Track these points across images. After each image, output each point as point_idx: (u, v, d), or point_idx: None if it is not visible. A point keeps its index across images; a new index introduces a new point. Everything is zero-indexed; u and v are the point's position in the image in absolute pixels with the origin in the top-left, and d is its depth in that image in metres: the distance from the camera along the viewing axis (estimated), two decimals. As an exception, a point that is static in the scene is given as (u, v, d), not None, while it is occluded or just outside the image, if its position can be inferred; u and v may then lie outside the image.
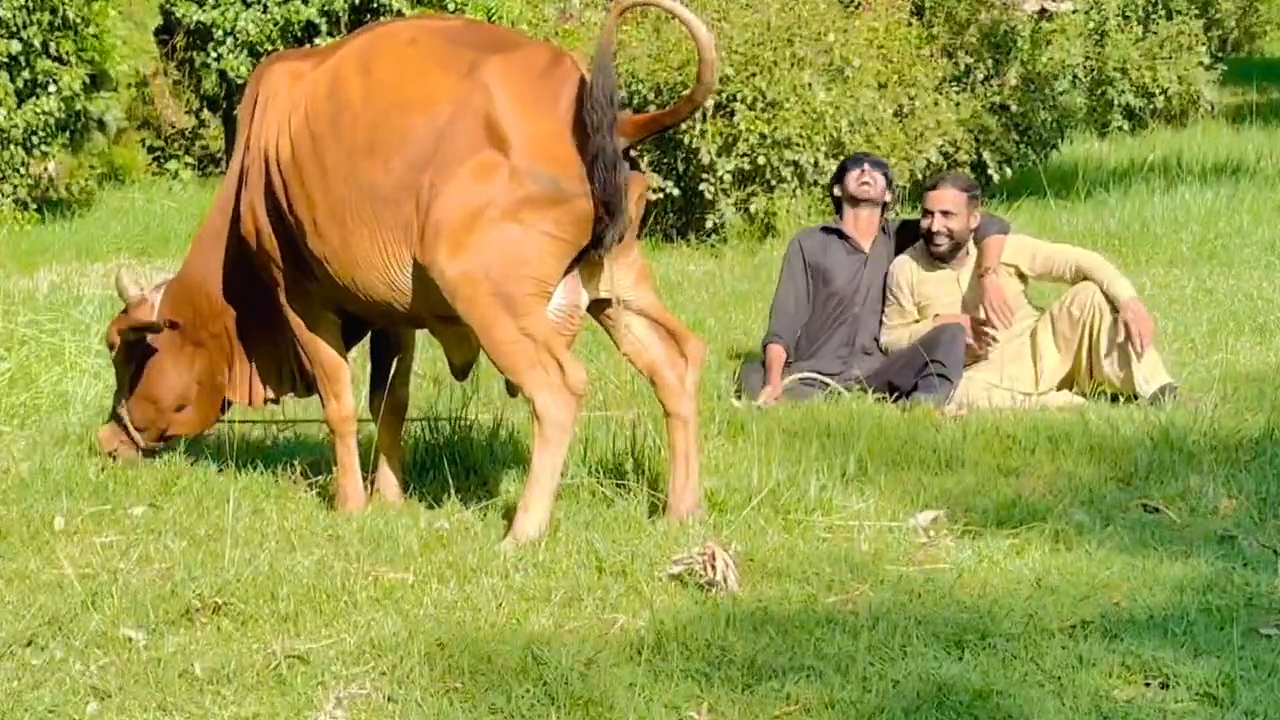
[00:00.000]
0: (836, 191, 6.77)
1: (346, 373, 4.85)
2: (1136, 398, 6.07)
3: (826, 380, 6.35)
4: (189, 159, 15.20)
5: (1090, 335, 6.28)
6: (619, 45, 9.74)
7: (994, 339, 6.27)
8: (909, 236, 6.64)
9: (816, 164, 10.47)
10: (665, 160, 10.78)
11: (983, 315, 6.23)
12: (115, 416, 5.20)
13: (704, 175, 10.68)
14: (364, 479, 4.84)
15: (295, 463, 5.17)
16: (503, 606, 3.74)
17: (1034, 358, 6.45)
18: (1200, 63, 14.21)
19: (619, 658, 3.36)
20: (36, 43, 11.52)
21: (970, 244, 6.41)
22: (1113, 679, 3.28)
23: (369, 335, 5.05)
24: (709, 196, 10.64)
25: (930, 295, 6.50)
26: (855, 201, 6.66)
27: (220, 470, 5.07)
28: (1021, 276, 6.47)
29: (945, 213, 6.39)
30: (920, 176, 10.74)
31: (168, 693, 3.20)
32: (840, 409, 6.05)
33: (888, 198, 6.73)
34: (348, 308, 4.67)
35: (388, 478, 4.97)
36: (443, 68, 4.45)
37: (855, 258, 6.62)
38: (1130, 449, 5.38)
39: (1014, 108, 12.09)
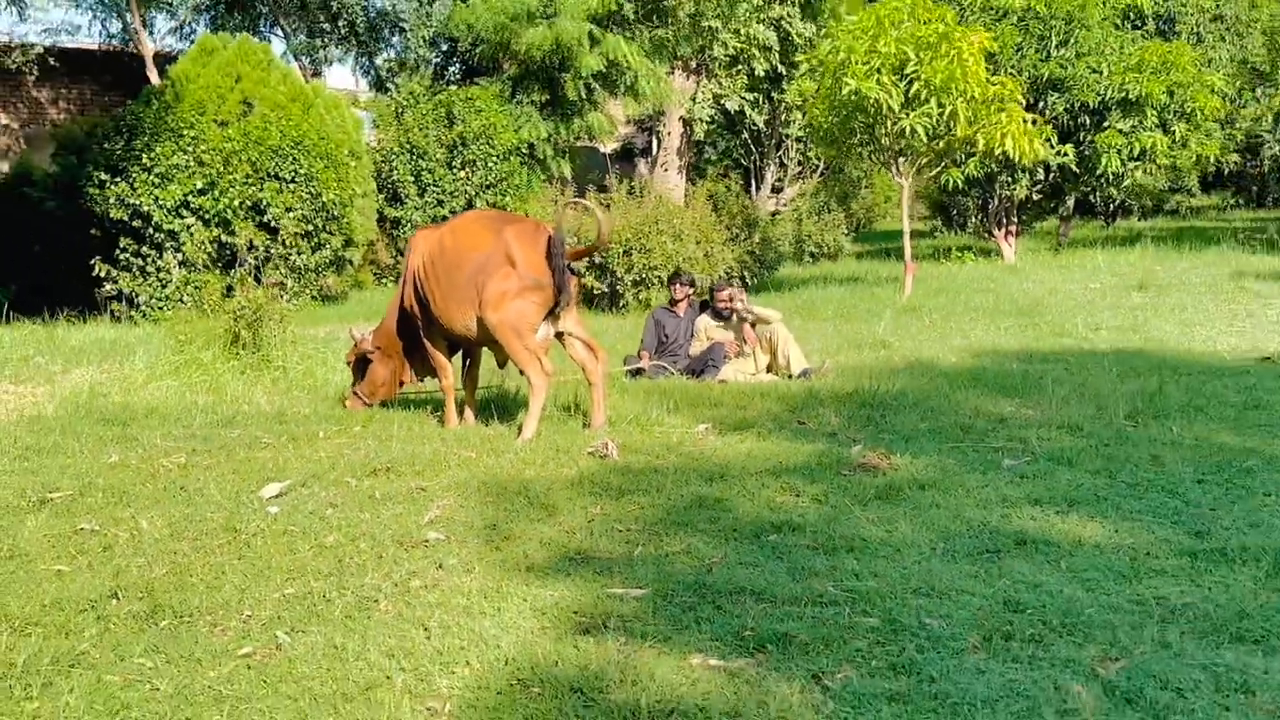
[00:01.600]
0: (671, 290, 10.76)
1: (450, 367, 8.48)
2: (792, 375, 9.77)
3: (666, 367, 9.87)
4: (389, 279, 20.99)
5: (771, 347, 10.13)
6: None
7: (742, 351, 10.06)
8: (704, 305, 10.60)
9: (662, 279, 15.63)
10: (601, 277, 15.82)
11: (735, 341, 10.15)
12: (353, 393, 9.11)
13: (618, 282, 15.38)
14: (457, 414, 8.45)
15: (428, 407, 8.66)
16: (514, 466, 7.03)
17: (755, 358, 10.22)
18: (844, 232, 18.67)
19: (564, 489, 6.61)
20: (319, 223, 16.53)
21: (736, 311, 10.35)
22: (773, 493, 6.42)
23: (461, 351, 8.68)
24: (620, 290, 15.55)
25: (713, 333, 10.44)
26: (676, 297, 10.60)
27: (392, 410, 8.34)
28: (752, 324, 10.21)
29: (727, 300, 10.41)
30: (712, 282, 15.80)
31: (357, 499, 6.24)
32: (670, 382, 9.60)
33: (690, 291, 10.72)
34: (450, 337, 8.34)
35: (469, 414, 8.60)
36: (487, 231, 7.80)
37: (677, 319, 10.61)
38: (795, 396, 8.69)
39: (757, 252, 17.95)
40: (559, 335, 8.11)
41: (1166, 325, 12.25)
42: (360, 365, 9.10)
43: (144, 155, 15.32)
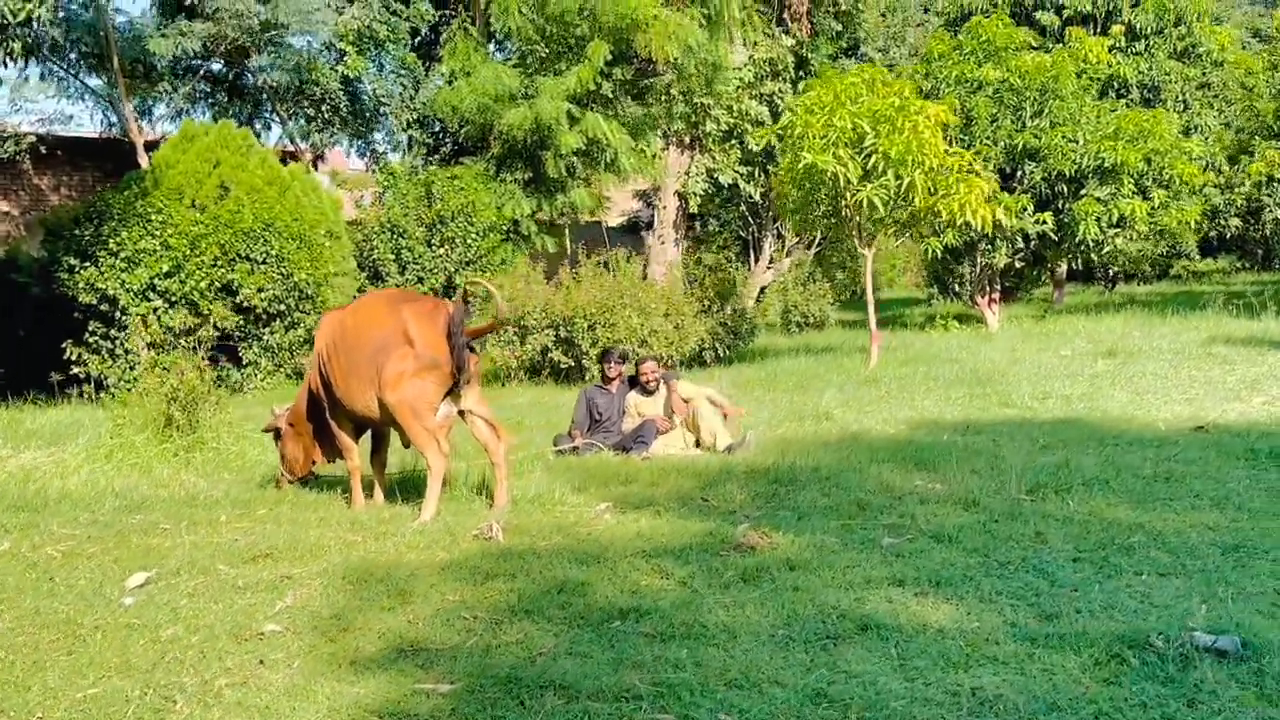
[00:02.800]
0: (603, 368, 10.63)
1: (355, 448, 8.39)
2: (716, 450, 9.65)
3: (596, 444, 9.73)
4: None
5: (695, 423, 10.03)
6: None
7: (672, 426, 9.86)
8: (633, 382, 10.49)
9: (634, 349, 15.59)
10: (566, 350, 15.90)
11: (666, 416, 10.04)
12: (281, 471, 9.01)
13: (583, 355, 15.70)
14: (367, 494, 8.37)
15: (338, 488, 8.56)
16: (395, 551, 6.87)
17: (683, 433, 10.07)
18: (829, 301, 18.76)
19: (432, 574, 6.44)
20: (292, 302, 17.30)
21: (661, 385, 10.22)
22: (641, 575, 6.28)
23: (370, 431, 8.50)
24: (585, 364, 15.86)
25: (643, 408, 10.29)
26: (608, 374, 10.52)
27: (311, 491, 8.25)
28: (685, 400, 10.05)
29: (650, 374, 10.33)
30: (680, 358, 16.98)
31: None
32: (593, 458, 9.52)
33: (622, 368, 10.60)
34: (354, 418, 8.20)
35: (378, 495, 8.42)
36: (385, 310, 7.84)
37: (610, 396, 10.44)
38: (710, 472, 8.58)
39: (730, 324, 17.97)
40: (462, 414, 7.96)
41: (1118, 394, 11.97)
42: (278, 440, 8.97)
43: (111, 240, 15.39)
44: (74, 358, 14.55)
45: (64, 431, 12.17)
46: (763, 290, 28.72)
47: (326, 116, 21.73)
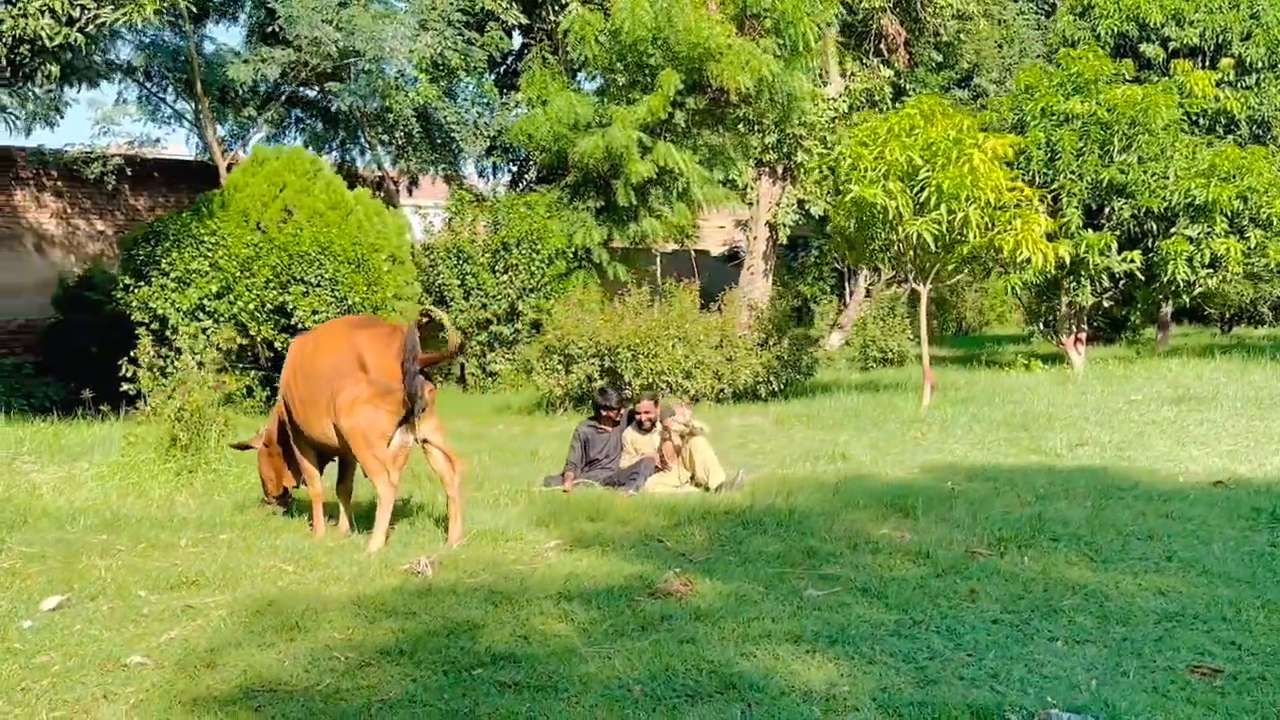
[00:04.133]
0: (597, 408, 10.47)
1: (316, 474, 8.36)
2: (710, 488, 9.33)
3: (589, 482, 9.56)
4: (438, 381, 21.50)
5: (690, 461, 9.75)
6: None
7: (667, 465, 9.70)
8: (631, 418, 10.28)
9: (674, 383, 15.96)
10: (613, 380, 15.40)
11: (660, 456, 9.89)
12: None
13: (626, 386, 14.66)
14: (332, 520, 8.35)
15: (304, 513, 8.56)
16: (319, 582, 6.78)
17: (678, 470, 9.86)
18: (908, 336, 17.87)
19: (339, 610, 6.34)
20: None
21: (659, 423, 10.04)
22: (541, 619, 6.11)
23: (337, 458, 8.44)
24: (629, 395, 14.70)
25: (640, 446, 10.10)
26: (606, 415, 10.26)
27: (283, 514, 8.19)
28: (680, 434, 9.81)
29: (645, 411, 10.14)
30: (737, 391, 16.81)
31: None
32: (576, 494, 9.21)
33: (618, 410, 10.38)
34: (315, 445, 8.18)
35: (343, 522, 8.33)
36: (340, 336, 7.86)
37: (605, 435, 10.27)
38: (684, 511, 8.47)
39: (786, 358, 17.39)
40: (421, 442, 7.84)
41: (1159, 443, 11.36)
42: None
43: (164, 260, 15.72)
44: (128, 374, 14.84)
45: (95, 448, 12.42)
46: (835, 327, 28.28)
47: (407, 143, 21.93)
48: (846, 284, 31.86)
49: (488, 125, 22.48)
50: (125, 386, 12.66)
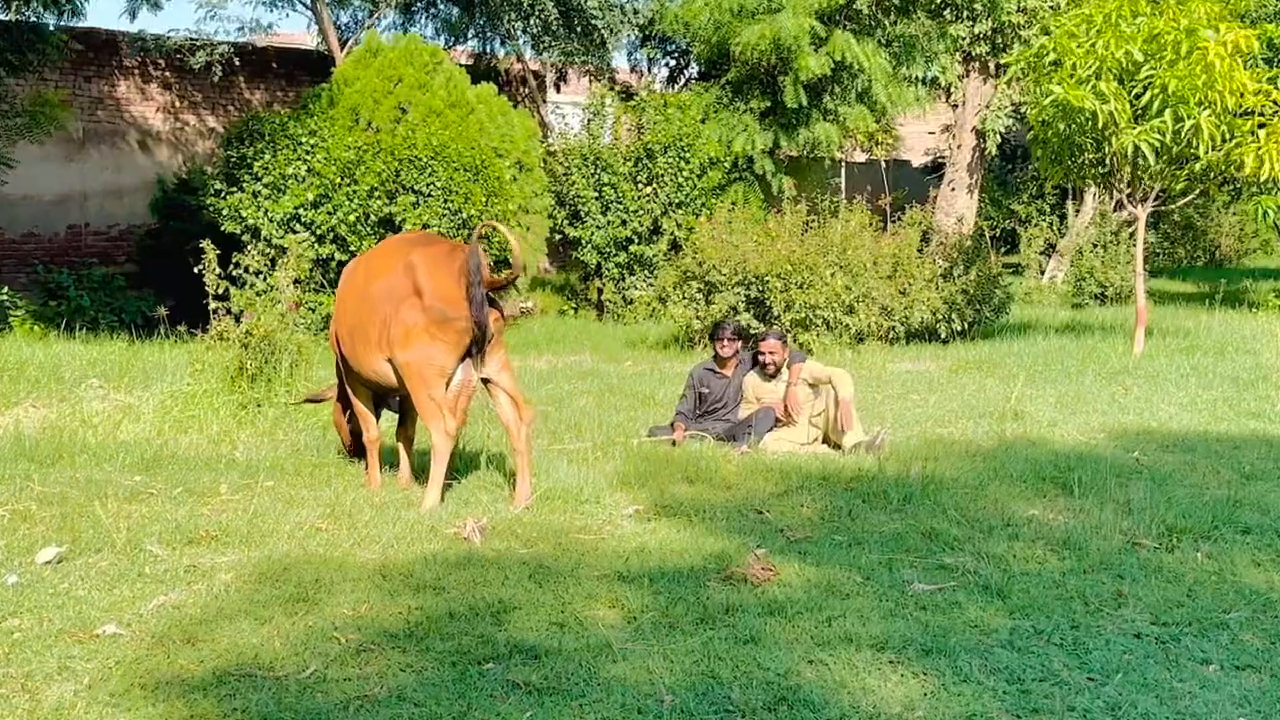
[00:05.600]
0: (715, 347, 10.13)
1: (371, 418, 8.34)
2: (843, 448, 9.15)
3: (703, 434, 9.49)
4: (572, 310, 22.10)
5: (828, 413, 9.49)
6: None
7: (793, 418, 9.48)
8: (755, 360, 9.97)
9: (833, 319, 15.54)
10: (759, 314, 15.54)
11: (785, 406, 9.59)
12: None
13: (775, 321, 15.22)
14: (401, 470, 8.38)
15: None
16: (352, 544, 6.67)
17: (808, 427, 9.63)
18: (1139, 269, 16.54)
19: (363, 578, 6.24)
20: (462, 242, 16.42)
21: (784, 367, 9.72)
22: (585, 606, 5.93)
23: (398, 400, 8.42)
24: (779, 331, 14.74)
25: (762, 394, 9.79)
26: (723, 354, 10.03)
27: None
28: (810, 385, 9.56)
29: (770, 352, 9.76)
30: (910, 331, 16.31)
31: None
32: (681, 450, 9.09)
33: (739, 346, 10.06)
34: (368, 385, 8.10)
35: (404, 471, 8.33)
36: (394, 257, 7.80)
37: (724, 381, 10.02)
38: (799, 475, 8.28)
39: (971, 292, 16.74)
40: (484, 382, 7.67)
41: None
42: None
43: (256, 163, 15.92)
44: (219, 291, 15.13)
45: (170, 373, 12.66)
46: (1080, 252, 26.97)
47: (544, 30, 21.73)
48: (1070, 202, 30.57)
49: (637, 13, 22.11)
50: (213, 304, 12.87)
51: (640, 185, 20.33)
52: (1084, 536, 6.54)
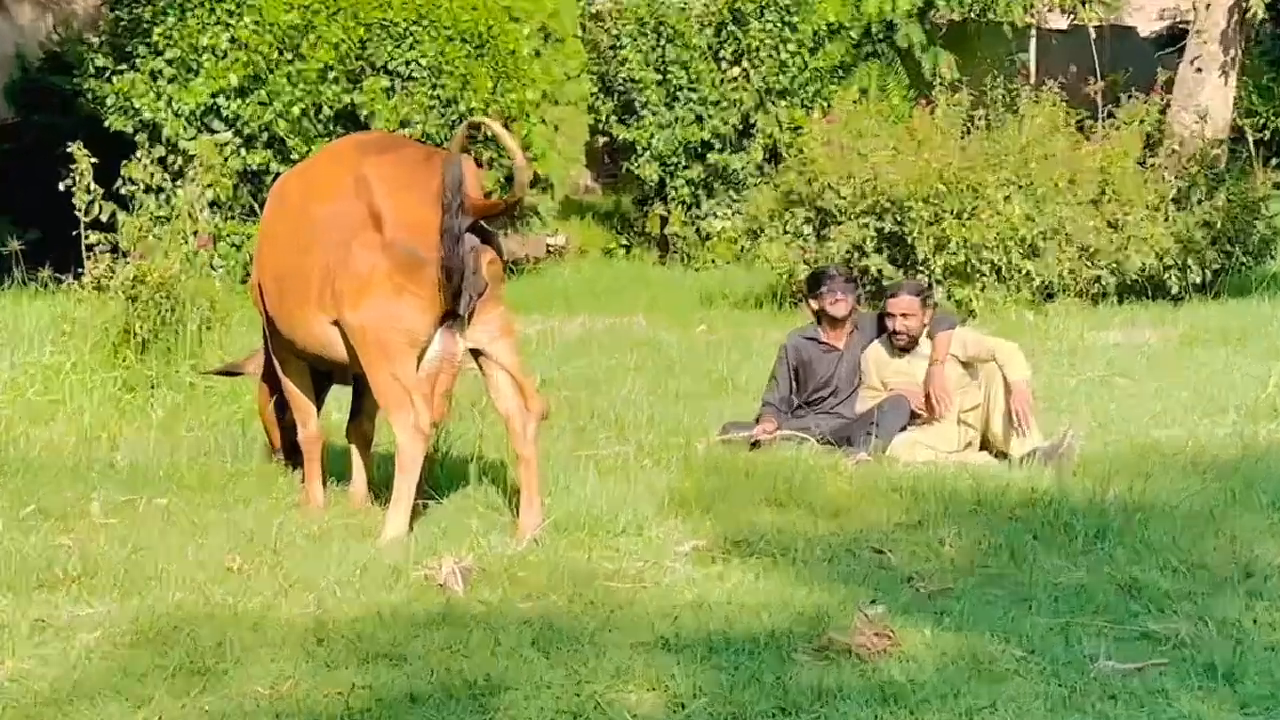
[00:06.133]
0: (813, 305, 10.17)
1: (310, 407, 8.43)
2: (1010, 457, 9.28)
3: (802, 435, 9.59)
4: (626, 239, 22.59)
5: (987, 405, 9.46)
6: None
7: (936, 410, 9.54)
8: (881, 327, 10.02)
9: (1010, 263, 15.11)
10: (893, 255, 15.53)
11: (927, 396, 9.60)
12: None
13: (920, 268, 15.07)
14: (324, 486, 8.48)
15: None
16: (335, 581, 6.75)
17: (957, 425, 9.70)
18: None
19: (287, 641, 6.26)
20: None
21: (924, 336, 9.74)
22: (632, 688, 5.82)
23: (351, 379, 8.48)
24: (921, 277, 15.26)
25: (891, 376, 9.85)
26: (833, 312, 10.01)
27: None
28: (962, 363, 9.68)
29: (904, 315, 9.72)
30: (1124, 283, 16.27)
31: None
32: (767, 454, 9.29)
33: (854, 303, 10.14)
34: (304, 357, 8.20)
35: (358, 483, 8.48)
36: (343, 168, 7.83)
37: (834, 355, 10.04)
38: (948, 498, 8.36)
39: (1219, 226, 16.64)
40: (475, 356, 7.71)
41: None
42: None
43: (155, 30, 15.99)
44: (97, 218, 15.28)
45: (30, 338, 12.80)
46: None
47: None
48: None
49: None
50: (89, 236, 12.98)
51: (724, 65, 20.45)
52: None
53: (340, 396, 8.86)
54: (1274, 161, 24.84)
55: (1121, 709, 5.43)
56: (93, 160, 11.15)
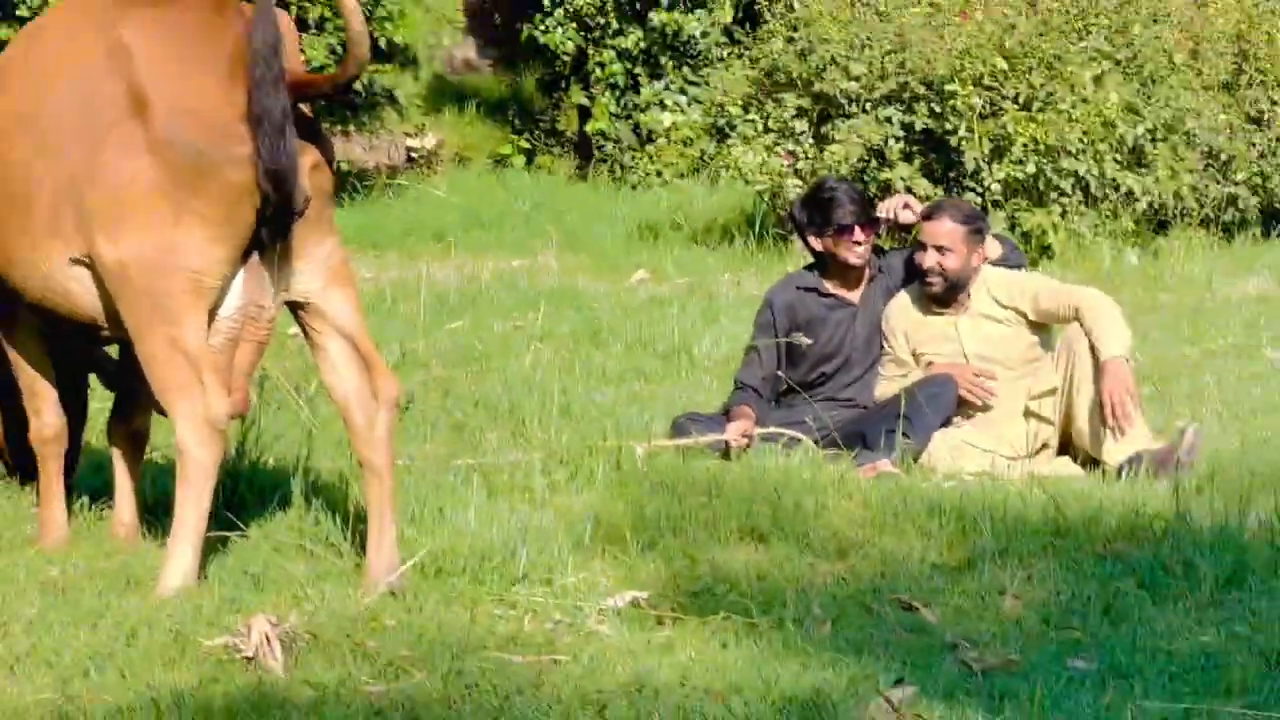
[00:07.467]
0: (815, 242, 10.13)
1: (47, 392, 8.37)
2: (1104, 465, 9.42)
3: (794, 435, 9.72)
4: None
5: (1070, 390, 9.41)
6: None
7: (985, 388, 9.59)
8: (911, 273, 10.08)
9: (1103, 176, 15.14)
10: (930, 165, 15.54)
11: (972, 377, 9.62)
12: None
13: (970, 184, 14.97)
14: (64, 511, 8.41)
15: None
16: (95, 650, 6.74)
17: (1027, 419, 9.63)
18: None
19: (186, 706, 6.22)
20: None
21: (972, 286, 9.72)
22: None
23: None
24: (978, 200, 15.38)
25: (926, 343, 9.88)
26: (841, 255, 10.09)
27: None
28: (1033, 324, 9.69)
29: (940, 248, 9.75)
30: (1268, 204, 16.72)
31: None
32: (743, 465, 9.14)
33: (871, 238, 10.19)
34: (40, 313, 8.13)
35: (124, 510, 8.47)
36: (88, 27, 7.83)
37: (841, 310, 10.11)
38: (982, 524, 8.31)
39: None
40: (295, 313, 7.69)
41: None
42: None
43: None
44: None
45: None
46: None
47: None
48: None
49: None
50: None
51: None
52: None
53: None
54: None
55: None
56: None
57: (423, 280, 14.22)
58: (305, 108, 7.59)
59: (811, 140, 15.75)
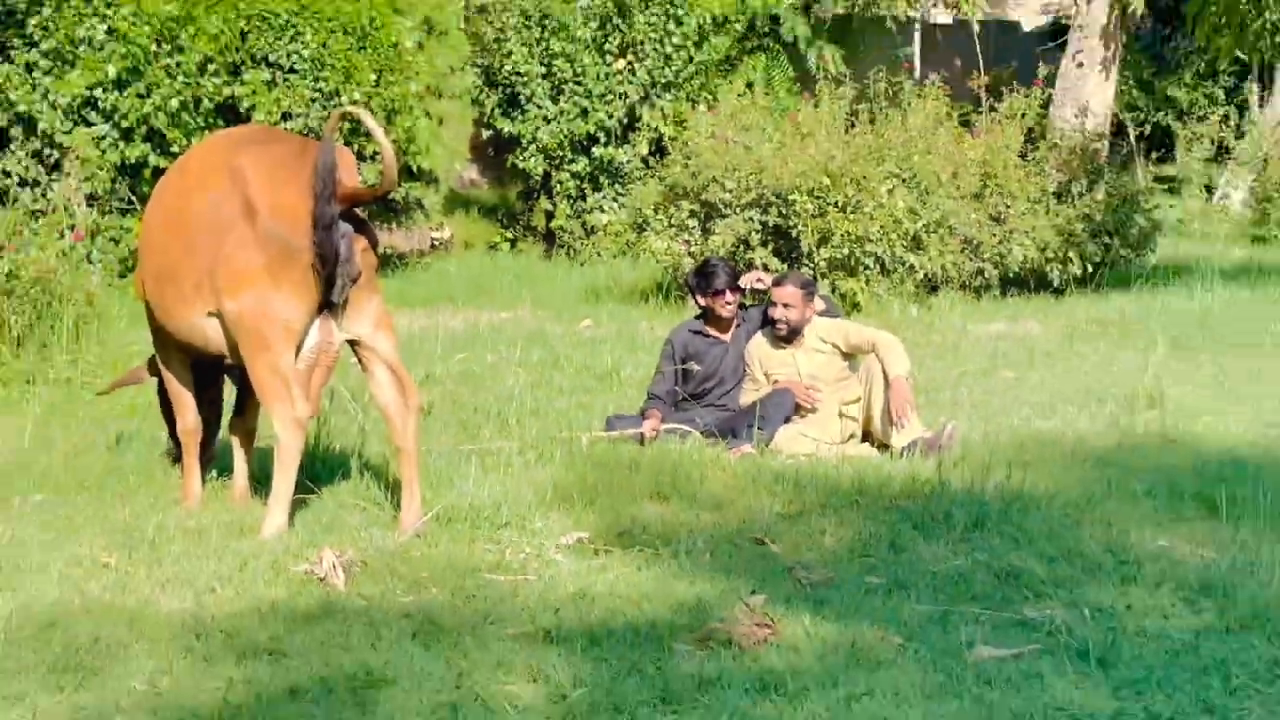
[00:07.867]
0: (701, 300, 10.30)
1: (189, 399, 8.39)
2: (891, 449, 9.44)
3: (685, 429, 9.74)
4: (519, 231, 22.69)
5: (868, 398, 9.63)
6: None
7: (813, 399, 9.74)
8: (765, 320, 10.14)
9: (894, 255, 15.46)
10: (779, 249, 15.75)
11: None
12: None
13: (805, 261, 15.31)
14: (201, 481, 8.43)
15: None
16: (213, 575, 6.81)
17: (839, 418, 9.84)
18: None
19: (281, 608, 6.34)
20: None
21: (805, 329, 9.92)
22: (512, 680, 5.89)
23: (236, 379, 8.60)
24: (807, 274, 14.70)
25: (775, 368, 10.02)
26: (715, 308, 10.20)
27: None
28: (844, 354, 9.92)
29: (785, 305, 9.89)
30: (1008, 275, 16.69)
31: None
32: (655, 450, 9.27)
33: (738, 297, 10.22)
34: (185, 349, 8.19)
35: (240, 479, 8.52)
36: (218, 160, 7.89)
37: (720, 347, 10.23)
38: (826, 487, 8.50)
39: (1099, 220, 17.15)
40: (353, 348, 7.75)
41: None
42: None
43: (30, 20, 15.88)
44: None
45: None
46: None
47: None
48: (1253, 85, 30.57)
49: None
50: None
51: (609, 58, 20.53)
52: (1232, 580, 6.67)
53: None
54: (1154, 155, 25.36)
55: (997, 694, 5.51)
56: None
57: (439, 327, 14.25)
58: (360, 211, 7.63)
59: (700, 233, 15.76)
